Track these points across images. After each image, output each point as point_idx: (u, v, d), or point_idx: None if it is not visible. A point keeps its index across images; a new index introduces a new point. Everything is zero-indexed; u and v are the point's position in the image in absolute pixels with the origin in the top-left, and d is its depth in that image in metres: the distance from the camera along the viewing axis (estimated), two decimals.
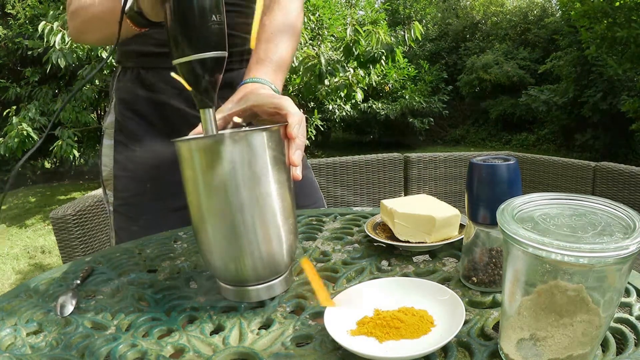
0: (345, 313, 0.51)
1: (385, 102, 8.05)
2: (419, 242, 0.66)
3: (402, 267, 0.64)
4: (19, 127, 4.13)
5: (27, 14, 5.08)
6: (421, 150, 7.96)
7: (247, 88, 0.69)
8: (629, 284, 0.54)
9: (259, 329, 0.53)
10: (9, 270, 3.29)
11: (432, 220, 0.65)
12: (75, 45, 3.86)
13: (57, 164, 6.49)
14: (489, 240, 0.55)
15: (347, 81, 4.30)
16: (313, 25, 5.12)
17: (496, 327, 0.48)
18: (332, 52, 4.55)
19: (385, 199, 0.76)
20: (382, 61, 3.98)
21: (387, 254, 0.69)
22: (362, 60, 3.96)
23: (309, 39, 4.75)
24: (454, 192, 2.48)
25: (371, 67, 4.11)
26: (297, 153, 0.56)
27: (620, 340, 0.45)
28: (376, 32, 3.82)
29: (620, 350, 0.44)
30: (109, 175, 0.95)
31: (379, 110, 7.80)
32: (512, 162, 0.52)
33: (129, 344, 0.50)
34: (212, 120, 0.56)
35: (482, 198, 0.53)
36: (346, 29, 4.03)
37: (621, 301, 0.51)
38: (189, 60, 0.53)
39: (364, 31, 3.93)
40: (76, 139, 4.47)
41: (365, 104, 7.65)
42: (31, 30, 4.97)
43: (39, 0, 4.98)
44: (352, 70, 4.36)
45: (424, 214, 0.66)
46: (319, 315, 0.52)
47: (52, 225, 1.50)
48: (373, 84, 5.97)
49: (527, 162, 2.34)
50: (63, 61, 3.86)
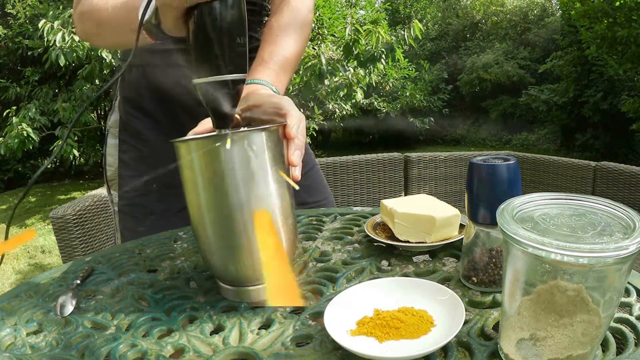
0: (345, 313, 0.51)
1: (385, 101, 8.05)
2: (419, 242, 0.66)
3: (402, 267, 0.64)
4: (19, 127, 4.13)
5: (27, 13, 5.09)
6: (421, 150, 7.95)
7: (247, 89, 0.69)
8: (629, 284, 0.54)
9: (259, 329, 0.53)
10: (9, 270, 3.29)
11: (432, 220, 0.65)
12: (76, 44, 3.86)
13: (57, 163, 6.49)
14: (489, 240, 0.55)
15: (347, 80, 4.30)
16: (313, 25, 5.12)
17: (496, 327, 0.48)
18: (332, 52, 4.55)
19: (385, 199, 0.76)
20: (382, 60, 3.97)
21: (387, 254, 0.69)
22: (362, 59, 3.95)
23: (309, 39, 4.75)
24: (454, 192, 2.48)
25: (371, 66, 4.10)
26: (296, 153, 0.56)
27: (620, 340, 0.45)
28: (376, 32, 3.82)
29: (620, 350, 0.44)
30: (113, 175, 0.94)
31: (379, 108, 7.80)
32: (512, 162, 0.52)
33: (129, 344, 0.50)
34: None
35: (482, 198, 0.53)
36: (346, 28, 4.02)
37: (621, 301, 0.51)
38: (208, 82, 0.52)
39: (364, 30, 3.92)
40: (76, 138, 4.47)
41: (366, 100, 7.63)
42: (31, 30, 4.98)
43: (39, 0, 4.98)
44: (352, 70, 4.36)
45: (424, 214, 0.66)
46: (319, 315, 0.52)
47: (52, 225, 1.50)
48: (373, 83, 5.96)
49: (527, 162, 2.34)
50: (63, 59, 3.86)
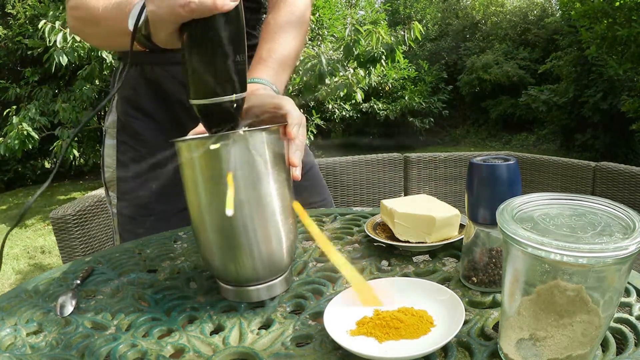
0: (345, 313, 0.51)
1: (385, 102, 8.05)
2: (419, 242, 0.66)
3: (402, 267, 0.64)
4: (19, 127, 4.13)
5: (27, 13, 5.09)
6: (421, 150, 7.95)
7: (247, 88, 0.69)
8: (629, 284, 0.54)
9: (259, 329, 0.53)
10: (9, 270, 3.29)
11: (432, 220, 0.65)
12: (77, 44, 3.86)
13: (58, 165, 6.48)
14: (489, 240, 0.55)
15: (347, 81, 4.30)
16: (313, 26, 5.12)
17: (496, 327, 0.48)
18: (332, 52, 4.55)
19: (385, 199, 0.76)
20: (382, 61, 3.97)
21: (387, 254, 0.69)
22: (362, 60, 3.95)
23: (309, 39, 4.75)
24: (454, 192, 2.48)
25: (371, 67, 4.10)
26: (296, 153, 0.55)
27: (620, 340, 0.45)
28: (376, 32, 3.82)
29: (620, 350, 0.44)
30: (111, 176, 0.93)
31: (379, 111, 7.80)
32: (512, 162, 0.52)
33: (129, 344, 0.50)
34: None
35: (482, 198, 0.53)
36: (346, 28, 4.02)
37: (621, 301, 0.51)
38: (205, 104, 0.50)
39: (364, 31, 3.92)
40: (76, 139, 4.47)
41: (366, 103, 7.64)
42: (31, 30, 4.98)
43: (39, 0, 4.98)
44: (352, 70, 4.36)
45: (424, 214, 0.66)
46: (319, 315, 0.52)
47: (52, 225, 1.50)
48: (373, 84, 5.96)
49: (527, 162, 2.34)
50: (65, 59, 3.86)
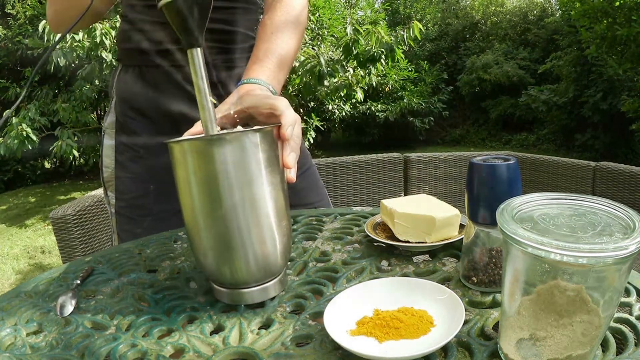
0: (345, 313, 0.51)
1: (384, 102, 8.05)
2: (419, 242, 0.66)
3: (402, 267, 0.64)
4: (19, 127, 4.13)
5: (27, 14, 5.09)
6: (421, 150, 7.96)
7: (244, 89, 0.69)
8: (629, 284, 0.54)
9: (259, 329, 0.53)
10: (9, 270, 3.29)
11: (432, 220, 0.65)
12: (75, 44, 3.86)
13: (57, 164, 6.49)
14: (489, 240, 0.55)
15: (346, 81, 4.30)
16: (313, 26, 5.12)
17: (496, 327, 0.48)
18: (332, 52, 4.55)
19: (385, 199, 0.76)
20: (382, 61, 3.97)
21: (387, 254, 0.69)
22: (361, 59, 3.95)
23: (309, 39, 4.75)
24: (454, 192, 2.48)
25: (371, 66, 4.10)
26: (291, 155, 0.55)
27: (620, 340, 0.45)
28: (376, 32, 3.82)
29: (620, 350, 0.44)
30: (110, 176, 0.94)
31: (378, 113, 7.80)
32: (512, 162, 0.52)
33: (129, 344, 0.50)
34: (199, 62, 0.54)
35: (482, 198, 0.54)
36: (346, 28, 4.02)
37: (621, 301, 0.51)
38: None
39: (364, 30, 3.92)
40: (76, 139, 4.47)
41: (363, 105, 7.64)
42: (31, 31, 4.98)
43: (38, 0, 4.98)
44: (351, 70, 4.36)
45: (424, 214, 0.66)
46: (319, 315, 0.52)
47: (52, 225, 1.50)
48: (373, 84, 5.96)
49: (527, 162, 2.34)
50: (63, 60, 3.86)
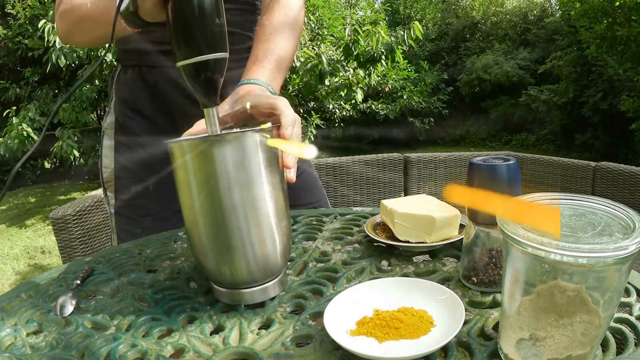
0: (345, 313, 0.51)
1: (384, 102, 8.05)
2: (419, 242, 0.66)
3: (402, 267, 0.64)
4: (19, 127, 4.13)
5: (27, 14, 5.09)
6: (421, 150, 7.95)
7: (243, 89, 0.69)
8: (629, 284, 0.54)
9: (259, 329, 0.53)
10: (9, 271, 3.29)
11: (432, 220, 0.65)
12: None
13: (57, 164, 6.49)
14: (489, 240, 0.55)
15: (347, 81, 4.30)
16: (313, 25, 5.12)
17: (496, 327, 0.48)
18: (332, 52, 4.55)
19: (385, 199, 0.76)
20: (382, 61, 3.97)
21: (387, 254, 0.69)
22: (361, 60, 3.95)
23: (309, 39, 4.75)
24: None
25: (371, 67, 4.10)
26: (290, 155, 0.55)
27: (620, 340, 0.45)
28: (377, 32, 3.81)
29: (620, 350, 0.44)
30: (109, 176, 0.94)
31: (378, 111, 7.80)
32: (512, 162, 0.52)
33: (129, 344, 0.50)
34: (215, 119, 0.57)
35: None
36: (345, 28, 4.02)
37: (621, 301, 0.51)
38: (191, 63, 0.54)
39: (364, 31, 3.92)
40: (76, 139, 4.47)
41: (364, 104, 7.64)
42: (31, 31, 4.97)
43: (39, 0, 4.98)
44: (352, 70, 4.36)
45: (424, 214, 0.66)
46: (319, 315, 0.53)
47: (52, 225, 1.49)
48: (373, 84, 5.96)
49: (527, 162, 2.34)
50: (63, 60, 3.85)
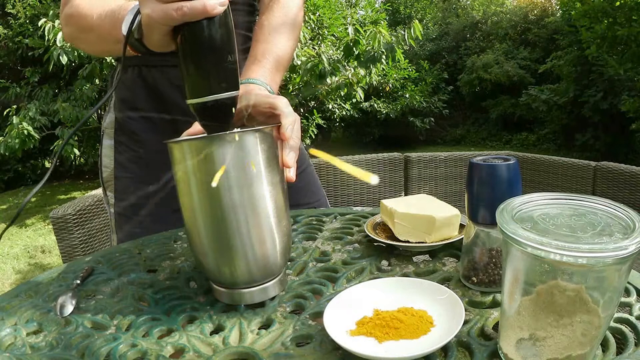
0: (344, 313, 0.51)
1: (385, 101, 8.05)
2: (419, 242, 0.66)
3: (402, 267, 0.64)
4: (20, 126, 4.13)
5: (27, 13, 5.09)
6: (421, 150, 7.95)
7: (242, 89, 0.68)
8: (629, 284, 0.54)
9: (259, 328, 0.53)
10: (9, 270, 3.29)
11: (432, 220, 0.65)
12: None
13: (57, 163, 6.49)
14: (489, 240, 0.55)
15: (347, 80, 4.30)
16: (313, 25, 5.12)
17: (496, 327, 0.48)
18: (333, 52, 4.55)
19: (385, 198, 0.76)
20: (383, 60, 3.97)
21: (387, 254, 0.69)
22: (362, 59, 3.95)
23: (309, 39, 4.75)
24: (454, 192, 2.47)
25: (372, 66, 4.10)
26: (290, 154, 0.55)
27: (620, 340, 0.45)
28: (378, 31, 3.81)
29: (620, 350, 0.44)
30: (109, 176, 0.94)
31: (380, 110, 7.80)
32: (512, 162, 0.52)
33: (129, 344, 0.50)
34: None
35: (482, 198, 0.53)
36: (346, 28, 4.02)
37: (621, 301, 0.51)
38: (201, 102, 0.52)
39: (365, 31, 3.92)
40: (76, 138, 4.47)
41: (366, 102, 7.64)
42: (31, 30, 4.97)
43: (39, 0, 4.98)
44: (352, 70, 4.36)
45: (424, 214, 0.66)
46: (319, 315, 0.53)
47: (52, 225, 1.49)
48: (374, 83, 5.96)
49: (527, 162, 2.34)
50: (64, 58, 3.85)
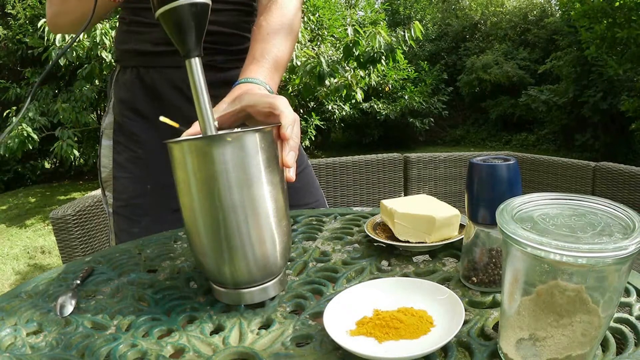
0: (344, 313, 0.51)
1: (385, 102, 8.05)
2: (419, 242, 0.67)
3: (402, 267, 0.64)
4: (19, 127, 4.13)
5: (27, 13, 5.09)
6: (421, 150, 7.95)
7: (241, 88, 0.68)
8: (629, 284, 0.54)
9: (259, 328, 0.53)
10: (8, 271, 3.29)
11: (432, 220, 0.65)
12: (76, 44, 3.86)
13: (57, 164, 6.48)
14: (489, 240, 0.55)
15: (346, 81, 4.30)
16: (313, 26, 5.12)
17: (496, 327, 0.48)
18: (332, 53, 4.55)
19: (385, 199, 0.76)
20: (382, 61, 3.97)
21: (387, 254, 0.69)
22: (361, 60, 3.95)
23: (309, 40, 4.75)
24: (454, 192, 2.48)
25: (371, 67, 4.10)
26: (290, 154, 0.55)
27: (620, 340, 0.45)
28: (378, 33, 3.81)
29: (620, 350, 0.44)
30: (108, 176, 0.94)
31: (379, 110, 7.80)
32: (512, 162, 0.52)
33: (129, 344, 0.50)
34: (198, 71, 0.55)
35: (482, 198, 0.54)
36: (346, 29, 4.02)
37: (621, 301, 0.51)
38: (173, 7, 0.51)
39: (364, 32, 3.92)
40: (76, 139, 4.47)
41: (366, 103, 7.64)
42: (31, 31, 4.98)
43: (39, 0, 4.98)
44: (352, 71, 4.36)
45: (424, 214, 0.66)
46: (319, 315, 0.53)
47: (52, 226, 1.50)
48: (373, 84, 5.96)
49: (527, 162, 2.34)
50: (63, 59, 3.85)
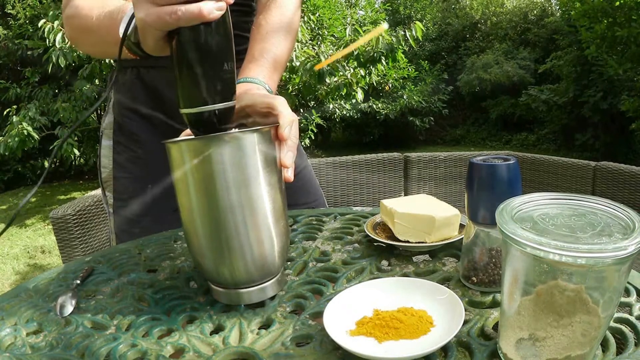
0: (344, 313, 0.51)
1: (385, 101, 8.05)
2: (419, 242, 0.67)
3: (402, 267, 0.64)
4: (20, 126, 4.13)
5: (27, 14, 5.09)
6: (421, 150, 7.95)
7: (240, 88, 0.68)
8: (628, 284, 0.54)
9: (259, 328, 0.53)
10: (8, 270, 3.29)
11: (432, 220, 0.65)
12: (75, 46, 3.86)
13: (57, 163, 6.48)
14: (488, 240, 0.55)
15: (346, 80, 4.29)
16: (313, 25, 5.12)
17: (496, 327, 0.48)
18: (333, 52, 4.54)
19: (385, 198, 0.76)
20: (383, 61, 3.97)
21: (387, 254, 0.69)
22: (362, 60, 3.95)
23: (309, 39, 4.75)
24: (454, 192, 2.48)
25: (371, 67, 4.10)
26: (288, 154, 0.55)
27: (620, 340, 0.45)
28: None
29: (620, 350, 0.44)
30: (108, 176, 0.94)
31: (379, 110, 7.80)
32: (512, 162, 0.52)
33: (129, 344, 0.50)
34: None
35: (482, 198, 0.53)
36: (346, 29, 4.02)
37: (621, 301, 0.51)
38: (194, 112, 0.50)
39: (364, 31, 3.92)
40: (76, 138, 4.47)
41: (365, 103, 7.65)
42: (31, 31, 4.98)
43: (39, 0, 4.98)
44: (351, 70, 4.36)
45: (424, 213, 0.66)
46: (319, 315, 0.53)
47: (52, 225, 1.50)
48: (373, 83, 5.95)
49: (527, 162, 2.34)
50: (63, 60, 3.85)
